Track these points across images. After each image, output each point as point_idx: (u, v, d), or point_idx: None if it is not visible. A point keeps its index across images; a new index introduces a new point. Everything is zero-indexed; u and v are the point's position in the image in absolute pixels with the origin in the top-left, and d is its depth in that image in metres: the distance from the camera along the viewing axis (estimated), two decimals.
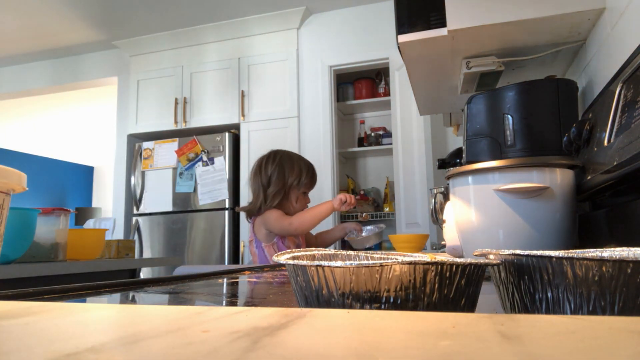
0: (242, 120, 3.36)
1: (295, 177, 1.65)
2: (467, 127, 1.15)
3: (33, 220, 1.25)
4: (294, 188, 1.67)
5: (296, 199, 1.68)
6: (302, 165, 1.69)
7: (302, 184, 1.67)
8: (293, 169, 1.66)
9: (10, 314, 0.25)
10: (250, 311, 0.23)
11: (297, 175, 1.66)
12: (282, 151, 1.73)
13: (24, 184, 0.34)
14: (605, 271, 0.24)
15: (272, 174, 1.65)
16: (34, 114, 5.80)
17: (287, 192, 1.66)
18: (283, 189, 1.65)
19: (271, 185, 1.65)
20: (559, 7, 1.04)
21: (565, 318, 0.19)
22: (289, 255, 0.33)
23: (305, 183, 1.68)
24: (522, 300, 0.29)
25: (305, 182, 1.68)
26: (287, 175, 1.65)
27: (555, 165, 0.72)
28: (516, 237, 0.72)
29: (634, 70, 0.70)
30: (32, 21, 3.43)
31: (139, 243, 3.41)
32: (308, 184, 1.70)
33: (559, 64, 1.32)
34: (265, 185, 1.66)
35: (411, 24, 1.17)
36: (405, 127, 2.84)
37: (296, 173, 1.66)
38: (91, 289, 0.52)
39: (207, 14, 3.36)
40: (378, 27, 3.22)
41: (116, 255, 1.81)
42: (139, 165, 3.52)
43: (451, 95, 1.67)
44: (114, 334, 0.19)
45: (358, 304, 0.26)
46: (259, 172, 1.68)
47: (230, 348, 0.15)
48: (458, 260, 0.26)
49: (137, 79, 3.73)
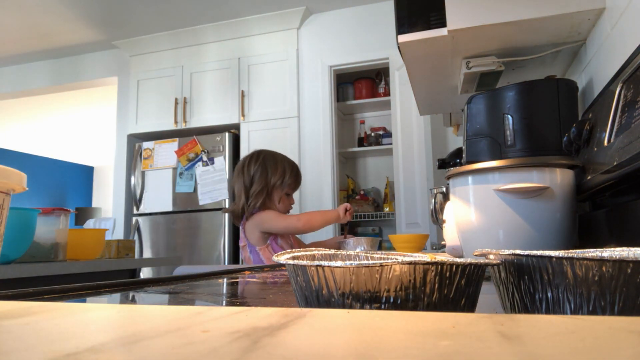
0: (242, 120, 3.36)
1: (279, 177, 1.63)
2: (467, 127, 1.15)
3: (33, 220, 1.25)
4: (277, 188, 1.64)
5: (279, 199, 1.65)
6: (285, 165, 1.66)
7: (286, 184, 1.65)
8: (276, 168, 1.64)
9: (10, 314, 0.25)
10: (250, 311, 0.23)
11: (281, 175, 1.63)
12: (265, 151, 1.70)
13: (24, 184, 0.34)
14: (605, 271, 0.24)
15: (254, 174, 1.62)
16: (34, 114, 5.80)
17: (269, 192, 1.63)
18: (266, 188, 1.62)
19: (253, 185, 1.62)
20: (559, 7, 1.04)
21: (565, 318, 0.19)
22: (289, 255, 0.33)
23: (289, 183, 1.66)
24: (522, 300, 0.29)
25: (289, 183, 1.65)
26: (270, 175, 1.62)
27: (555, 165, 0.72)
28: (516, 237, 0.72)
29: (634, 70, 0.70)
30: (32, 21, 3.43)
31: (139, 243, 3.41)
32: (292, 185, 1.67)
33: (559, 64, 1.32)
34: (248, 185, 1.63)
35: (411, 24, 1.17)
36: (405, 127, 2.84)
37: (280, 173, 1.63)
38: (91, 289, 0.52)
39: (207, 14, 3.36)
40: (378, 27, 3.22)
41: (116, 255, 1.81)
42: (139, 165, 3.52)
43: (451, 95, 1.67)
44: (114, 334, 0.19)
45: (358, 304, 0.26)
46: (242, 172, 1.65)
47: (230, 348, 0.15)
48: (458, 260, 0.26)
49: (137, 79, 3.73)
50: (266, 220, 1.61)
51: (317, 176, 3.21)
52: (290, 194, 1.71)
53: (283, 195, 1.67)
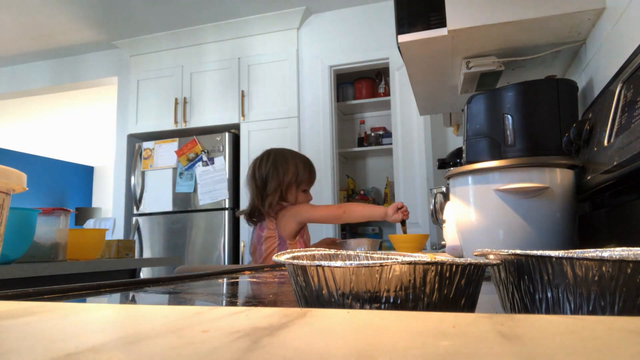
0: (242, 120, 3.36)
1: (292, 175, 1.62)
2: (467, 127, 1.15)
3: (33, 220, 1.25)
4: (291, 185, 1.63)
5: (295, 197, 1.65)
6: (297, 161, 1.66)
7: (301, 180, 1.64)
8: (288, 167, 1.63)
9: (10, 314, 0.25)
10: (250, 311, 0.23)
11: (294, 173, 1.63)
12: (275, 150, 1.69)
13: (24, 184, 0.34)
14: (605, 271, 0.24)
15: (267, 175, 1.62)
16: (34, 114, 5.80)
17: (285, 191, 1.63)
18: (279, 188, 1.61)
19: (267, 186, 1.62)
20: (559, 7, 1.04)
21: (565, 318, 0.19)
22: (289, 255, 0.33)
23: (304, 179, 1.65)
24: (522, 300, 0.29)
25: (304, 178, 1.64)
26: (282, 174, 1.62)
27: (555, 165, 0.72)
28: (516, 237, 0.72)
29: (634, 70, 0.70)
30: (32, 21, 3.43)
31: (139, 243, 3.41)
32: (307, 180, 1.66)
33: (559, 64, 1.32)
34: (261, 186, 1.63)
35: (411, 24, 1.17)
36: (405, 127, 2.84)
37: (292, 171, 1.63)
38: (91, 289, 0.52)
39: (207, 14, 3.36)
40: (378, 27, 3.22)
41: (116, 255, 1.81)
42: (139, 165, 3.52)
43: (451, 95, 1.67)
44: (114, 334, 0.19)
45: (358, 304, 0.26)
46: (254, 174, 1.65)
47: (230, 348, 0.15)
48: (458, 260, 0.26)
49: (137, 79, 3.73)
50: (305, 211, 1.60)
51: (317, 176, 3.21)
52: (307, 190, 1.69)
53: (299, 192, 1.65)
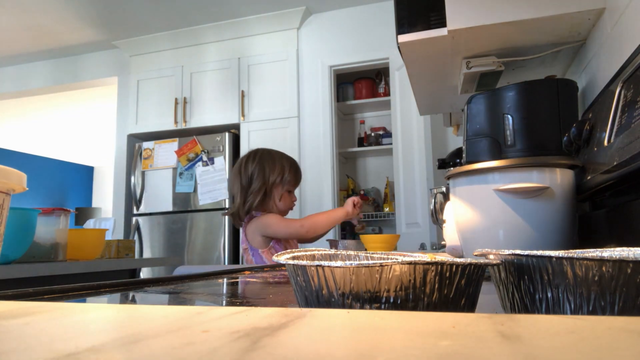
0: (242, 120, 3.37)
1: (278, 175, 1.60)
2: (467, 127, 1.15)
3: (33, 220, 1.25)
4: (276, 186, 1.61)
5: (279, 197, 1.63)
6: (284, 162, 1.64)
7: (286, 181, 1.62)
8: (274, 166, 1.61)
9: (10, 314, 0.25)
10: (250, 311, 0.23)
11: (280, 173, 1.61)
12: (262, 149, 1.68)
13: (24, 184, 0.34)
14: (605, 271, 0.24)
15: (252, 173, 1.60)
16: (34, 114, 5.80)
17: (268, 191, 1.61)
18: (264, 187, 1.59)
19: (252, 185, 1.59)
20: (559, 7, 1.04)
21: (565, 318, 0.19)
22: (289, 255, 0.33)
23: (289, 180, 1.63)
24: (522, 300, 0.29)
25: (289, 179, 1.63)
26: (268, 173, 1.60)
27: (555, 165, 0.72)
28: (516, 237, 0.72)
29: (634, 70, 0.70)
30: (32, 21, 3.43)
31: (139, 243, 3.41)
32: (292, 181, 1.65)
33: (559, 64, 1.32)
34: (246, 185, 1.60)
35: (411, 24, 1.17)
36: (405, 127, 2.84)
37: (278, 171, 1.61)
38: (91, 289, 0.52)
39: (207, 14, 3.36)
40: (378, 27, 3.22)
41: (116, 255, 1.81)
42: (139, 165, 3.52)
43: (451, 95, 1.67)
44: (114, 334, 0.19)
45: (358, 304, 0.26)
46: (239, 172, 1.63)
47: (230, 348, 0.15)
48: (458, 260, 0.26)
49: (137, 79, 3.73)
50: (269, 225, 1.58)
51: (317, 176, 3.21)
52: (291, 191, 1.68)
53: (284, 192, 1.64)
